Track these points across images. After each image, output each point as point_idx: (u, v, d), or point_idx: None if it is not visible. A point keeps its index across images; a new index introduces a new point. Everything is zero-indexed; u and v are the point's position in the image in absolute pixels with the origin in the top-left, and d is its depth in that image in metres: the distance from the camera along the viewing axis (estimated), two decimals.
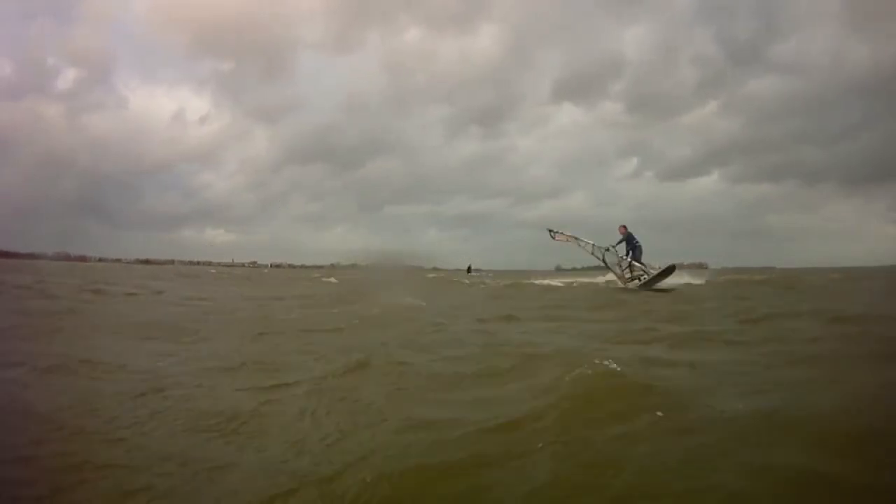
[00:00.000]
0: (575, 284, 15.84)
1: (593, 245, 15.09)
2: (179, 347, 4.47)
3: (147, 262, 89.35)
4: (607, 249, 14.64)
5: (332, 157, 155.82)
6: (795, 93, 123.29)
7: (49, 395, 2.83)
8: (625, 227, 14.53)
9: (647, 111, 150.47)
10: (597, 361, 2.81)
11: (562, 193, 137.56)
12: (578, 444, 1.91)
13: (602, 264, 15.03)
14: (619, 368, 2.69)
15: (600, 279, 15.88)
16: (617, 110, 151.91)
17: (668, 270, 13.61)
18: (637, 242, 14.27)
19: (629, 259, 14.13)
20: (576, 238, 15.56)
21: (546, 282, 17.24)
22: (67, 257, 74.66)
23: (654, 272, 13.47)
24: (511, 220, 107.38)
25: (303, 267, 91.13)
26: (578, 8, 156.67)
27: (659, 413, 2.10)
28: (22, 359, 3.56)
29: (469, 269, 38.33)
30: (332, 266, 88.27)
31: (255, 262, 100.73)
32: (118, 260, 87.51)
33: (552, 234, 15.93)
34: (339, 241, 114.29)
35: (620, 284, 14.22)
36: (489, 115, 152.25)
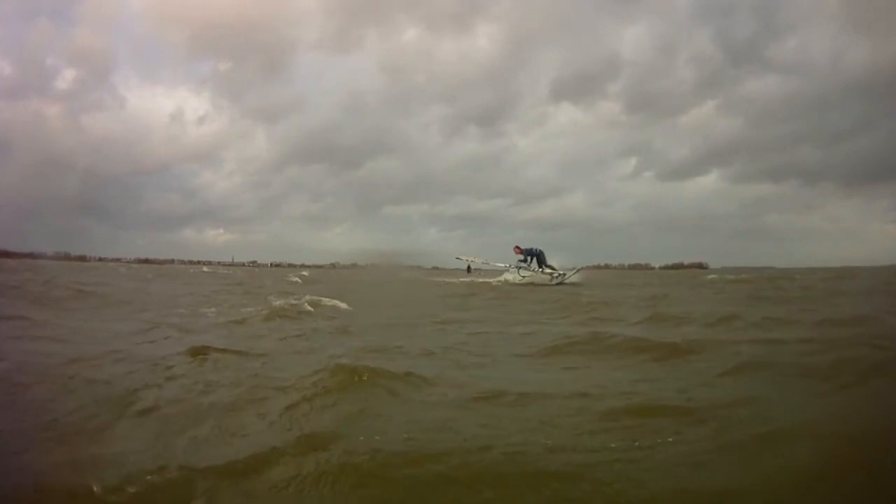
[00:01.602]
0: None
1: (507, 266, 20.18)
2: None
3: (147, 261, 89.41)
4: (518, 268, 19.58)
5: (331, 156, 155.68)
6: (794, 92, 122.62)
7: None
8: (518, 247, 19.91)
9: (645, 111, 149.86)
10: None
11: (561, 193, 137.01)
12: None
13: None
14: None
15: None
16: (615, 110, 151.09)
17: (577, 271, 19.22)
18: (537, 250, 19.52)
19: (535, 267, 19.27)
20: (487, 263, 21.50)
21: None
22: (67, 257, 74.69)
23: (561, 273, 18.87)
24: (511, 221, 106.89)
25: (302, 266, 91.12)
26: (576, 8, 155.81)
27: None
28: None
29: (469, 269, 38.35)
30: (333, 266, 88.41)
31: (255, 262, 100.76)
32: (118, 259, 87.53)
33: (461, 259, 22.14)
34: (339, 240, 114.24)
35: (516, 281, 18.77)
36: (488, 114, 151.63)
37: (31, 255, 66.84)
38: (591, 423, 2.26)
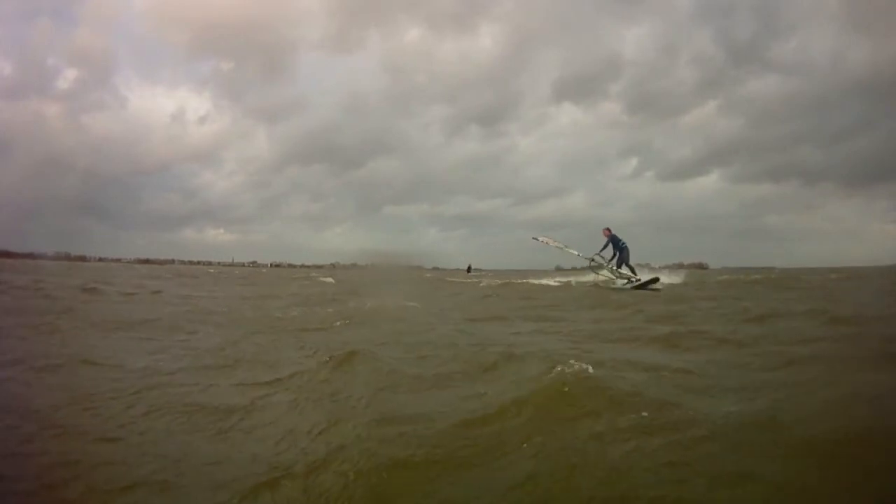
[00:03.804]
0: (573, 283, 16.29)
1: (578, 255, 15.56)
2: None
3: (147, 261, 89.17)
4: (592, 260, 14.96)
5: (332, 156, 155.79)
6: (795, 93, 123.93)
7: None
8: (608, 229, 14.58)
9: (646, 111, 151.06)
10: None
11: (562, 193, 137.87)
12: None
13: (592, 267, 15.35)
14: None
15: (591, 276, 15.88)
16: (616, 110, 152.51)
17: (654, 280, 13.72)
18: (623, 244, 14.39)
19: (614, 264, 14.37)
20: (562, 247, 16.02)
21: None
22: (68, 257, 74.40)
23: (639, 279, 13.78)
24: (511, 220, 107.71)
25: (302, 266, 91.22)
26: (578, 8, 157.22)
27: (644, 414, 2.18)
28: None
29: (469, 269, 38.79)
30: (333, 266, 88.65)
31: (255, 262, 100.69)
32: (118, 260, 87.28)
33: (538, 239, 16.33)
34: (339, 241, 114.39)
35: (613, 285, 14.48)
36: (489, 114, 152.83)
37: (31, 256, 66.58)
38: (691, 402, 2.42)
